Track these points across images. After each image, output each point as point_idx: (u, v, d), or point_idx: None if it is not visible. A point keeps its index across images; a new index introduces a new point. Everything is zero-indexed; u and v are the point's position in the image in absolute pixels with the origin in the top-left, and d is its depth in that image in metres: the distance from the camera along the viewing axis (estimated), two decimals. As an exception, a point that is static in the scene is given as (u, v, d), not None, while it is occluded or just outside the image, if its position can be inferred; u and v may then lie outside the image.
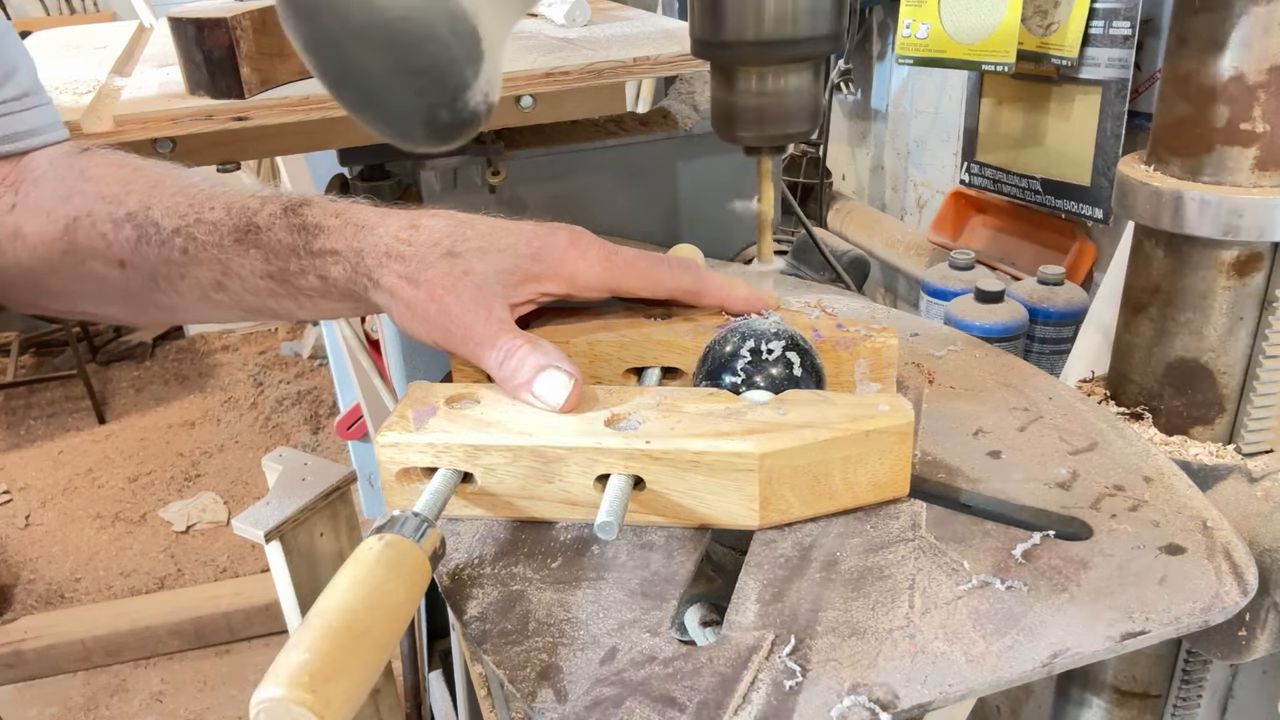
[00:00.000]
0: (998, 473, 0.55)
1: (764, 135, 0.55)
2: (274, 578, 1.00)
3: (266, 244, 0.55)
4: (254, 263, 0.55)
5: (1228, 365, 0.63)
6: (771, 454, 0.48)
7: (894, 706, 0.40)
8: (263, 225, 0.55)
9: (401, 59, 0.34)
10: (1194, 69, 0.59)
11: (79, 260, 0.59)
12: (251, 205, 0.56)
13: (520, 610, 0.46)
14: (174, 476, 3.07)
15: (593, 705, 0.40)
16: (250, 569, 2.60)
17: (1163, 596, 0.45)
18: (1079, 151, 1.17)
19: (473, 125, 0.39)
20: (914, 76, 1.57)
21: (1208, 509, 0.51)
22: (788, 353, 0.54)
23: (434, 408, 0.53)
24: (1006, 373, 0.66)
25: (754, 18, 0.50)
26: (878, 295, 1.71)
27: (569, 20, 0.99)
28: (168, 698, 2.24)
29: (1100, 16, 1.09)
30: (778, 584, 0.47)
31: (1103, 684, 0.72)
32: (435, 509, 0.48)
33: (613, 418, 0.52)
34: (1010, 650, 0.42)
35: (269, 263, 0.55)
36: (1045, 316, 1.05)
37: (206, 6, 0.77)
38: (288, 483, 0.99)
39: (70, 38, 1.19)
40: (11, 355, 3.62)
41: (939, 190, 1.56)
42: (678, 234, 0.94)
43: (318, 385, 3.55)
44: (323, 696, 0.36)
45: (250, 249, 0.55)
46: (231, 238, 0.55)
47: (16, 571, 2.65)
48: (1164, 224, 0.61)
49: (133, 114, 0.73)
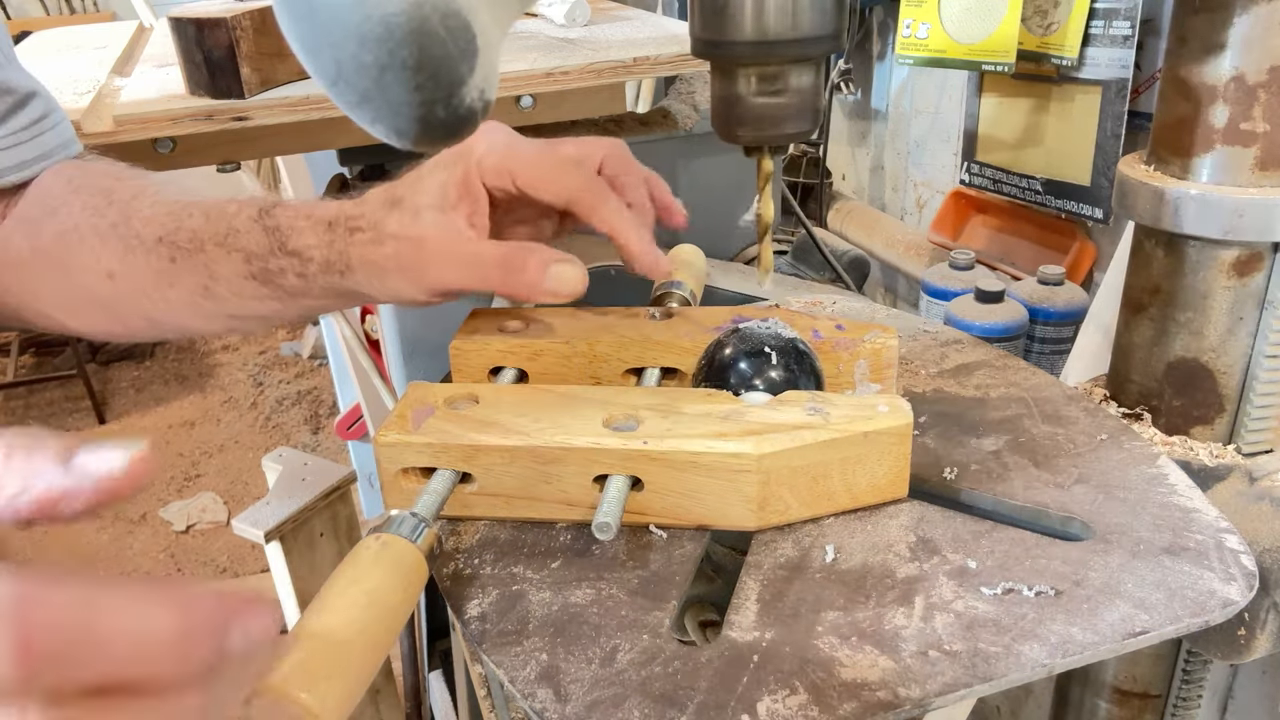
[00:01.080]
0: (997, 473, 0.55)
1: (764, 135, 0.55)
2: (274, 578, 1.00)
3: (245, 246, 0.56)
4: (236, 264, 0.56)
5: (1228, 365, 0.63)
6: (770, 455, 0.48)
7: (894, 706, 0.40)
8: (241, 229, 0.56)
9: (395, 55, 0.34)
10: (1194, 69, 0.59)
11: (71, 274, 0.59)
12: (229, 210, 0.57)
13: (520, 610, 0.46)
14: (174, 476, 3.06)
15: (593, 705, 0.40)
16: (250, 569, 2.60)
17: (1163, 596, 0.45)
18: (1079, 151, 1.17)
19: (469, 123, 0.39)
20: (914, 76, 1.57)
21: (1208, 509, 0.51)
22: (786, 354, 0.54)
23: (432, 408, 0.53)
24: (1006, 373, 0.66)
25: (754, 17, 0.50)
26: (878, 295, 1.71)
27: (569, 20, 0.99)
28: (168, 698, 2.24)
29: (1100, 16, 1.09)
30: (778, 584, 0.47)
31: (1103, 684, 0.71)
32: (433, 509, 0.48)
33: (611, 418, 0.52)
34: (1010, 650, 0.42)
35: (250, 264, 0.56)
36: (1045, 316, 1.05)
37: (206, 6, 0.77)
38: (288, 483, 0.99)
39: (70, 38, 1.19)
40: (11, 355, 3.62)
41: (939, 190, 1.56)
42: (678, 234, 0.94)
43: (318, 385, 3.55)
44: (318, 695, 0.36)
45: (232, 252, 0.56)
46: (213, 242, 0.56)
47: (16, 572, 2.65)
48: (1164, 224, 0.61)
49: (133, 114, 0.73)
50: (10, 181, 0.60)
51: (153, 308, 0.59)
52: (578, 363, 0.62)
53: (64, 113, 0.64)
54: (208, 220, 0.57)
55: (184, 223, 0.57)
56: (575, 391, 0.55)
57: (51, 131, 0.62)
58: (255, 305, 0.58)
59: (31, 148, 0.61)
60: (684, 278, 0.68)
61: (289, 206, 0.56)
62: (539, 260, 0.52)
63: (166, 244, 0.57)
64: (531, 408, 0.53)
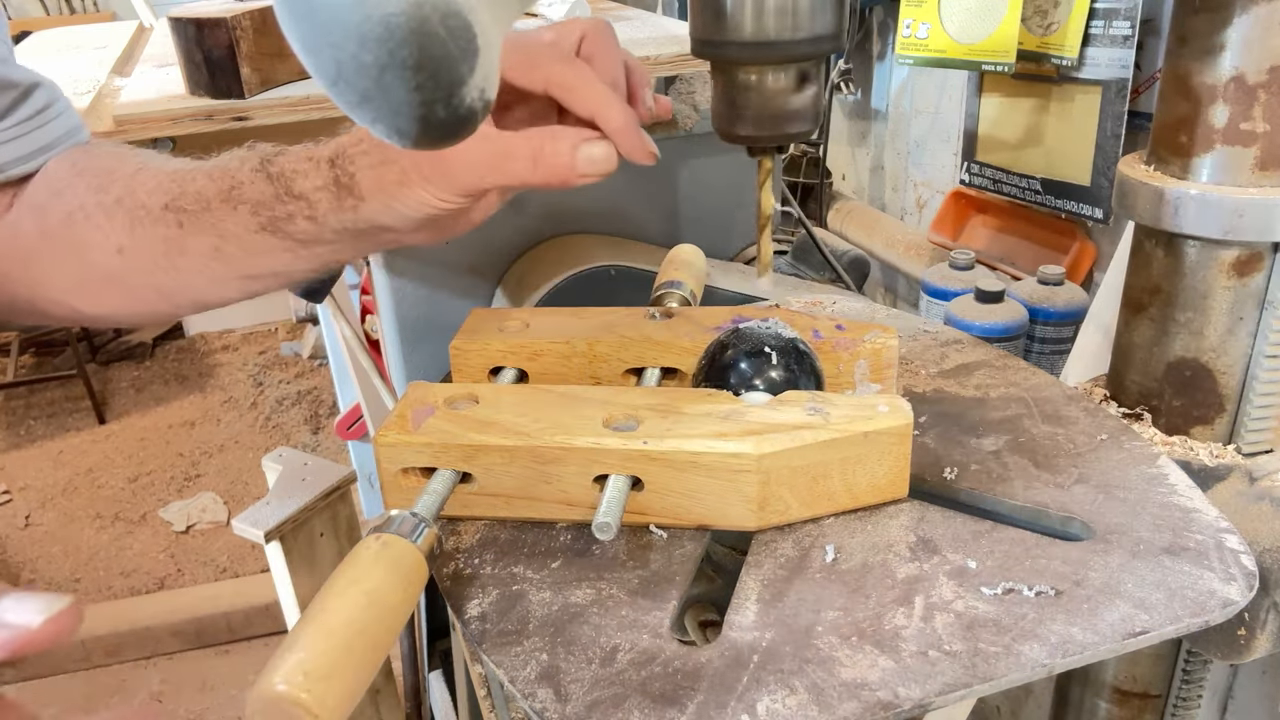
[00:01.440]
0: (997, 473, 0.55)
1: (764, 135, 0.55)
2: (274, 578, 1.00)
3: (251, 198, 0.55)
4: (244, 218, 0.55)
5: (1228, 365, 0.63)
6: (770, 455, 0.48)
7: (894, 706, 0.40)
8: (245, 180, 0.55)
9: (395, 55, 0.34)
10: (1194, 69, 0.59)
11: (81, 254, 0.59)
12: (230, 165, 0.56)
13: (520, 610, 0.46)
14: (174, 476, 3.06)
15: (593, 705, 0.40)
16: (250, 569, 2.60)
17: (1163, 596, 0.45)
18: (1079, 151, 1.17)
19: (470, 122, 0.38)
20: (914, 76, 1.57)
21: (1208, 509, 0.51)
22: (786, 354, 0.54)
23: (432, 408, 0.53)
24: (1006, 373, 0.66)
25: (754, 18, 0.50)
26: (878, 295, 1.71)
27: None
28: (168, 698, 2.24)
29: (1100, 16, 1.09)
30: (778, 584, 0.47)
31: (1103, 684, 0.71)
32: (433, 509, 0.48)
33: (611, 418, 0.51)
34: (1010, 650, 0.42)
35: (257, 214, 0.55)
36: (1045, 316, 1.05)
37: (206, 6, 0.77)
38: (288, 483, 0.99)
39: (70, 38, 1.20)
40: (11, 355, 3.62)
41: (939, 190, 1.56)
42: (678, 234, 0.94)
43: (318, 385, 3.55)
44: (318, 695, 0.36)
45: (237, 205, 0.55)
46: (219, 199, 0.55)
47: (16, 572, 2.65)
48: (1164, 224, 0.61)
49: (133, 114, 0.73)
50: (17, 173, 0.60)
51: (165, 279, 0.59)
52: (578, 363, 0.62)
53: (68, 101, 0.64)
54: (210, 179, 0.56)
55: (187, 186, 0.56)
56: (575, 391, 0.55)
57: (56, 121, 0.62)
58: (268, 260, 0.57)
59: (36, 138, 0.61)
60: (684, 278, 0.67)
61: (290, 152, 0.55)
62: (569, 144, 0.50)
63: (173, 209, 0.56)
64: (531, 408, 0.53)
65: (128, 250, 0.58)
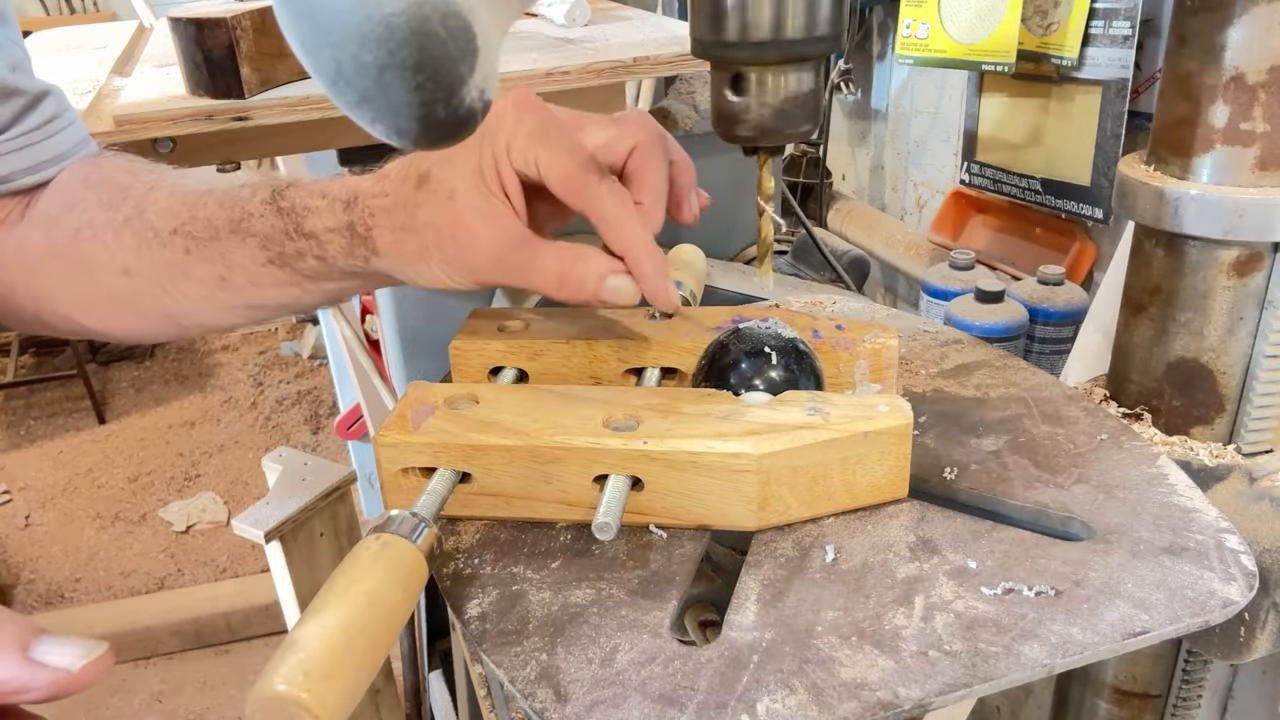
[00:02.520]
0: (997, 473, 0.55)
1: (764, 135, 0.55)
2: (274, 578, 1.00)
3: (260, 230, 0.54)
4: (252, 250, 0.55)
5: (1228, 365, 0.63)
6: (769, 455, 0.48)
7: (894, 706, 0.40)
8: (255, 212, 0.54)
9: (395, 55, 0.34)
10: (1194, 69, 0.59)
11: (88, 272, 0.58)
12: (242, 195, 0.55)
13: (520, 610, 0.46)
14: (174, 476, 3.07)
15: (593, 705, 0.40)
16: (250, 569, 2.60)
17: (1163, 596, 0.45)
18: (1079, 151, 1.17)
19: (469, 123, 0.38)
20: (914, 76, 1.57)
21: (1208, 509, 0.51)
22: (786, 354, 0.54)
23: (432, 408, 0.53)
24: (1006, 373, 0.66)
25: (754, 18, 0.50)
26: (878, 295, 1.71)
27: (569, 20, 0.99)
28: (168, 698, 2.24)
29: (1100, 16, 1.09)
30: (778, 584, 0.47)
31: (1103, 684, 0.72)
32: (433, 509, 0.48)
33: (611, 418, 0.51)
34: (1010, 650, 0.42)
35: (266, 249, 0.54)
36: (1045, 316, 1.05)
37: (206, 6, 0.77)
38: (288, 483, 0.99)
39: (70, 38, 1.20)
40: (11, 355, 3.62)
41: (939, 190, 1.56)
42: (678, 234, 0.94)
43: (318, 385, 3.55)
44: (318, 695, 0.36)
45: (246, 238, 0.54)
46: (227, 229, 0.55)
47: (16, 572, 2.65)
48: (1164, 224, 0.61)
49: (133, 114, 0.73)
50: (26, 183, 0.60)
51: (171, 302, 0.58)
52: (578, 363, 0.62)
53: (76, 111, 0.63)
54: (221, 207, 0.55)
55: (198, 212, 0.56)
56: (575, 391, 0.55)
57: (66, 131, 0.61)
58: (274, 293, 0.56)
59: (45, 149, 0.60)
60: (684, 278, 0.67)
61: (303, 186, 0.54)
62: (596, 273, 0.50)
63: (181, 235, 0.55)
64: (531, 408, 0.53)
65: (134, 271, 0.57)
